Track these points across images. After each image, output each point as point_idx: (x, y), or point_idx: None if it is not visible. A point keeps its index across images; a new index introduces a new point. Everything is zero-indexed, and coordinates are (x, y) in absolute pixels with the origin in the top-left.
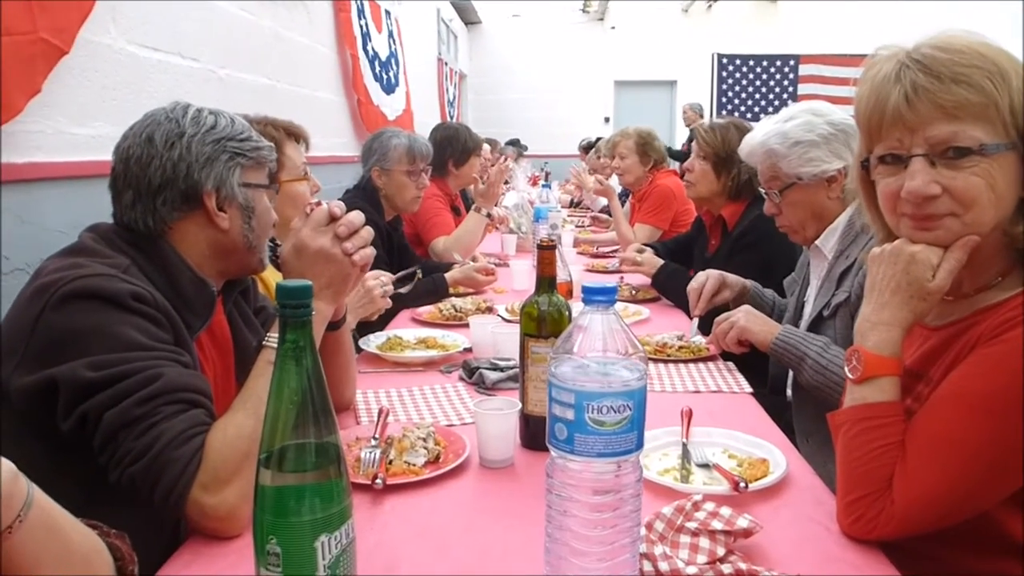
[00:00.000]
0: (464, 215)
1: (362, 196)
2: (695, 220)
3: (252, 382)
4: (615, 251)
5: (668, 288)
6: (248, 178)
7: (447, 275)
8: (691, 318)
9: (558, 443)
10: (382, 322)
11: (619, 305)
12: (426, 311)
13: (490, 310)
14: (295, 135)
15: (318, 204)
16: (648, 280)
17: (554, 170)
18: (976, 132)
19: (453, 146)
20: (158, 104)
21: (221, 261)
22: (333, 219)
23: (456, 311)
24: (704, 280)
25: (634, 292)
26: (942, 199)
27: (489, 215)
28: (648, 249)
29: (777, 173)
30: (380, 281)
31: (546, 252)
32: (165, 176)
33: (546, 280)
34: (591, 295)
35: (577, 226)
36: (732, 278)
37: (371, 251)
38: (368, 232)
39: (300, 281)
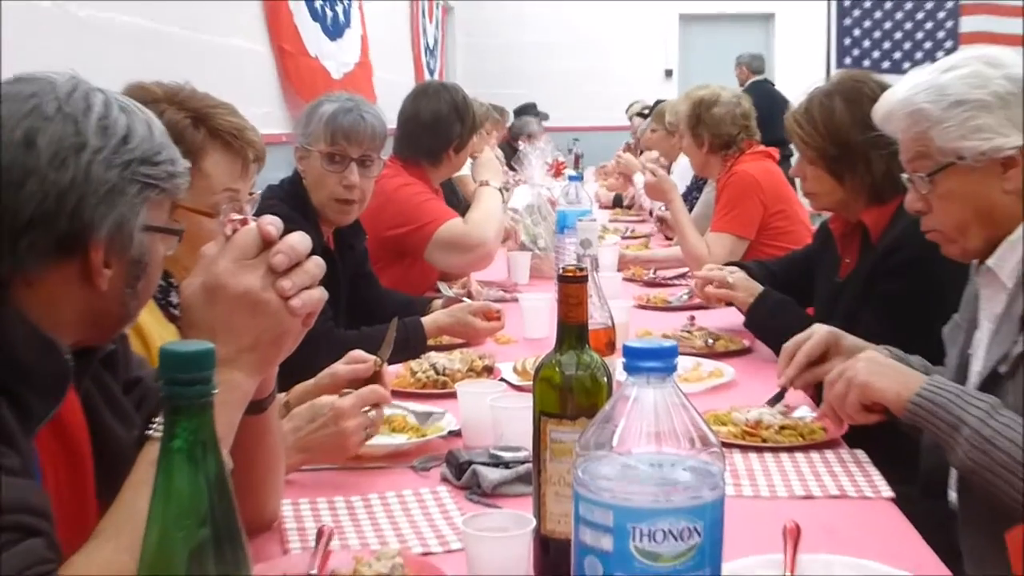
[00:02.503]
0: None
1: (284, 196)
2: (819, 230)
3: (125, 497)
4: (683, 275)
5: (770, 330)
6: (152, 218)
7: (427, 319)
8: (778, 387)
9: None
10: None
11: (686, 363)
12: (392, 372)
13: (489, 371)
14: (226, 139)
15: (242, 222)
16: (735, 319)
17: (589, 151)
18: None
19: (460, 123)
20: None
21: (82, 329)
22: (267, 244)
23: (438, 373)
24: (805, 339)
25: (710, 342)
26: None
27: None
28: (736, 269)
29: (926, 147)
30: (364, 421)
31: (572, 287)
32: (43, 209)
33: (573, 329)
34: (637, 360)
35: (625, 237)
36: (851, 341)
37: (320, 294)
38: (317, 266)
39: (195, 344)
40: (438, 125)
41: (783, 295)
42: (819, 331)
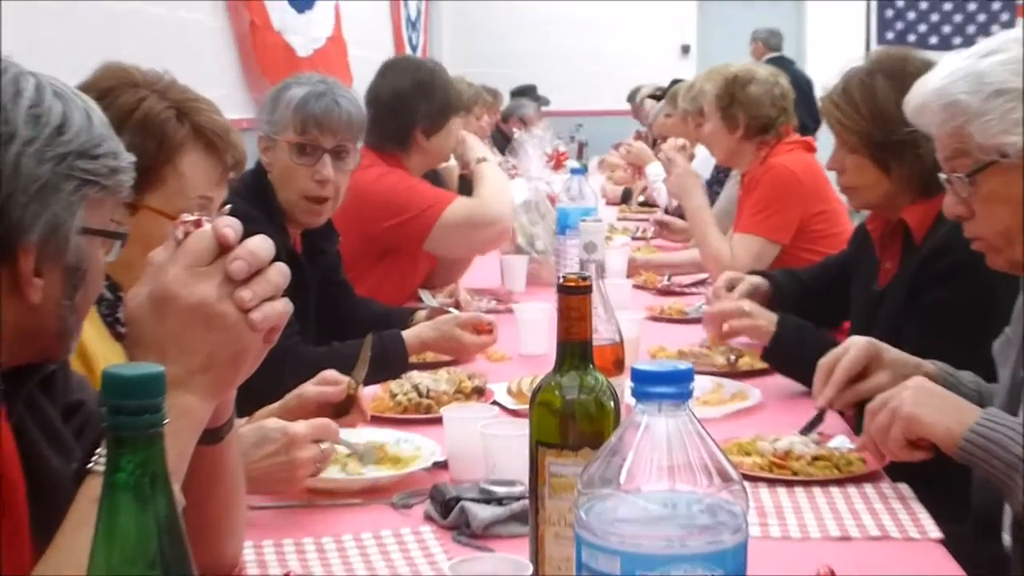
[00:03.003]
0: None
1: (244, 192)
2: (855, 233)
3: (63, 539)
4: (702, 282)
5: (793, 361)
6: (91, 219)
7: (409, 333)
8: (816, 410)
9: None
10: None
11: (705, 383)
12: (369, 394)
13: (480, 393)
14: (210, 138)
15: (196, 224)
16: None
17: (594, 138)
18: None
19: (425, 101)
20: None
21: (13, 347)
22: (223, 250)
23: (421, 396)
24: (842, 352)
25: (733, 359)
26: None
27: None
28: (756, 278)
29: (965, 144)
30: (317, 452)
31: (574, 299)
32: None
33: (574, 347)
34: (647, 384)
35: (636, 238)
36: (894, 354)
37: (284, 306)
38: (281, 274)
39: (142, 368)
40: (397, 103)
41: (804, 322)
42: (857, 343)
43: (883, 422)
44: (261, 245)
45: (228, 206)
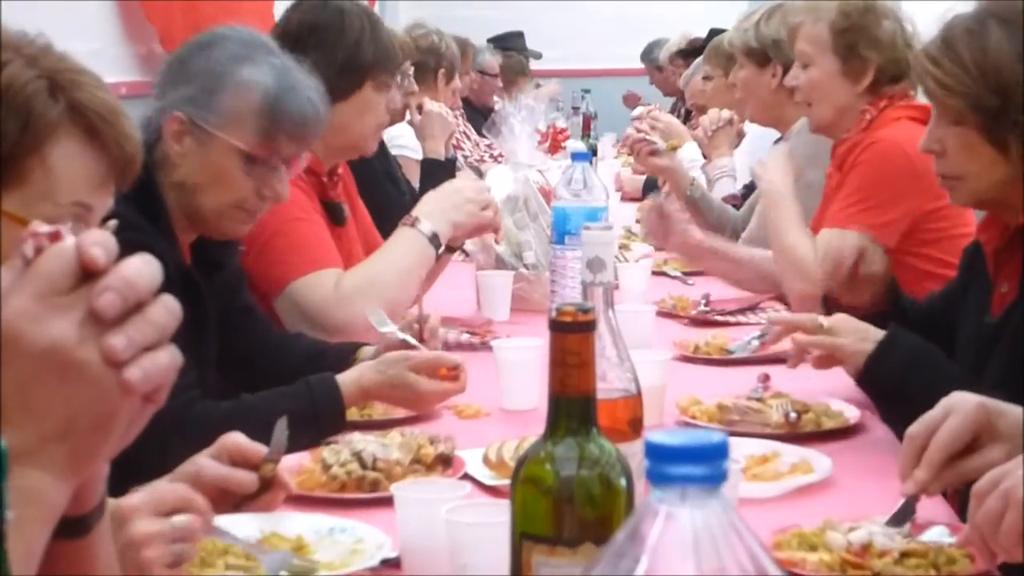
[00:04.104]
0: (357, 219)
1: (129, 191)
2: (964, 255)
3: None
4: (754, 307)
5: (902, 395)
6: None
7: (346, 377)
8: (902, 496)
9: None
10: None
11: (757, 447)
12: (292, 463)
13: (446, 464)
14: (92, 122)
15: (52, 236)
16: (834, 380)
17: (607, 108)
18: None
19: (319, 48)
20: None
21: None
22: (89, 274)
23: (364, 467)
24: (940, 419)
25: (794, 416)
26: None
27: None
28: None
29: None
30: (168, 554)
31: (571, 339)
32: None
33: (573, 405)
34: (665, 463)
35: (660, 248)
36: (1013, 418)
37: (170, 359)
38: (168, 311)
39: None
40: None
41: (923, 341)
42: (962, 407)
43: (994, 509)
44: (141, 271)
45: (113, 222)
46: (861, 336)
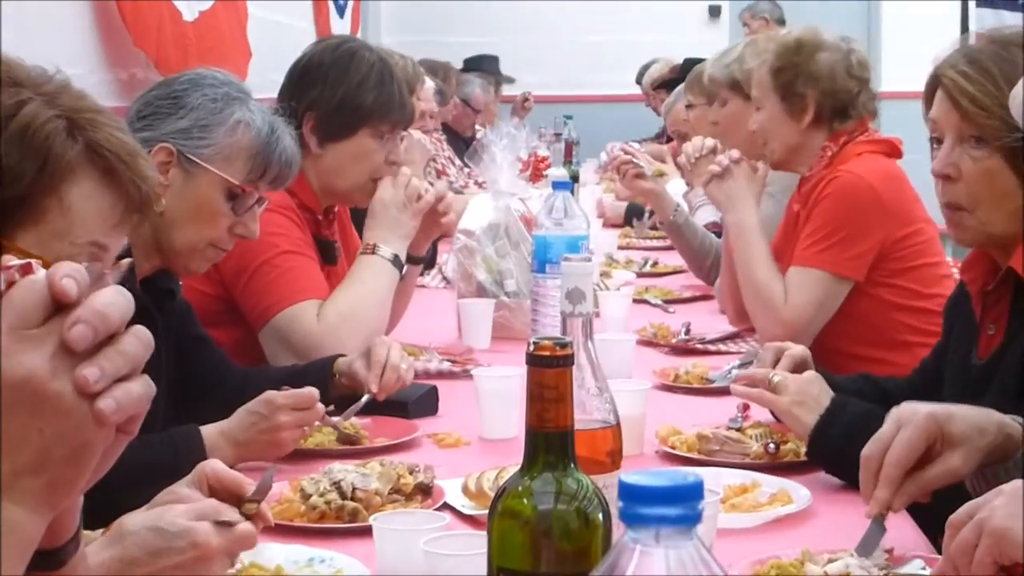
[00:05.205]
0: (349, 256)
1: None
2: (951, 298)
3: None
4: (735, 336)
5: (850, 465)
6: None
7: (211, 431)
8: (867, 518)
9: None
10: None
11: (737, 478)
12: (272, 493)
13: (426, 493)
14: (111, 163)
15: (23, 270)
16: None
17: (589, 135)
18: None
19: (323, 84)
20: None
21: None
22: (61, 307)
23: (343, 497)
24: (891, 435)
25: (773, 447)
26: None
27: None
28: (800, 349)
29: None
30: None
31: (549, 374)
32: None
33: (551, 439)
34: (638, 504)
35: (643, 274)
36: (964, 422)
37: (143, 388)
38: (140, 342)
39: None
40: (292, 82)
41: (869, 405)
42: (911, 418)
43: (967, 539)
44: (113, 302)
45: (128, 260)
46: (801, 400)
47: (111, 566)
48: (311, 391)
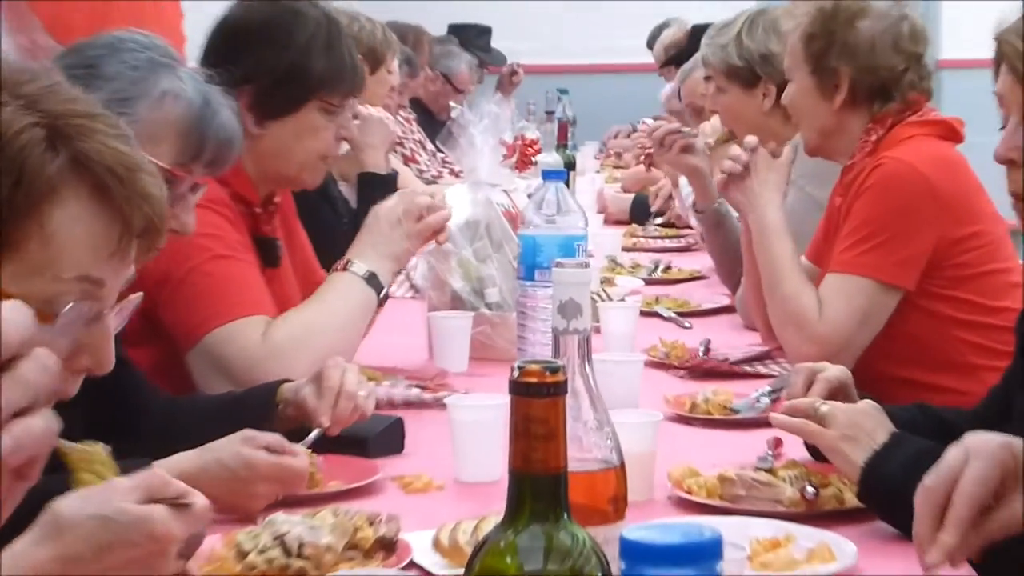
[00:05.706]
0: (294, 255)
1: None
2: (1021, 313)
3: None
4: (764, 356)
5: (899, 503)
6: None
7: (170, 464)
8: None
9: None
10: None
11: (768, 529)
12: (202, 549)
13: (389, 549)
14: (102, 180)
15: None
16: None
17: (588, 113)
18: None
19: (264, 50)
20: None
21: None
22: None
23: (289, 554)
24: (958, 466)
25: (811, 491)
26: None
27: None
28: (840, 371)
29: None
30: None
31: (536, 405)
32: None
33: (540, 484)
34: (642, 564)
35: (651, 281)
36: None
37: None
38: (41, 367)
39: None
40: (224, 49)
41: (929, 442)
42: (983, 448)
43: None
44: (8, 320)
45: (138, 295)
46: (853, 435)
47: (47, 566)
48: (302, 467)
